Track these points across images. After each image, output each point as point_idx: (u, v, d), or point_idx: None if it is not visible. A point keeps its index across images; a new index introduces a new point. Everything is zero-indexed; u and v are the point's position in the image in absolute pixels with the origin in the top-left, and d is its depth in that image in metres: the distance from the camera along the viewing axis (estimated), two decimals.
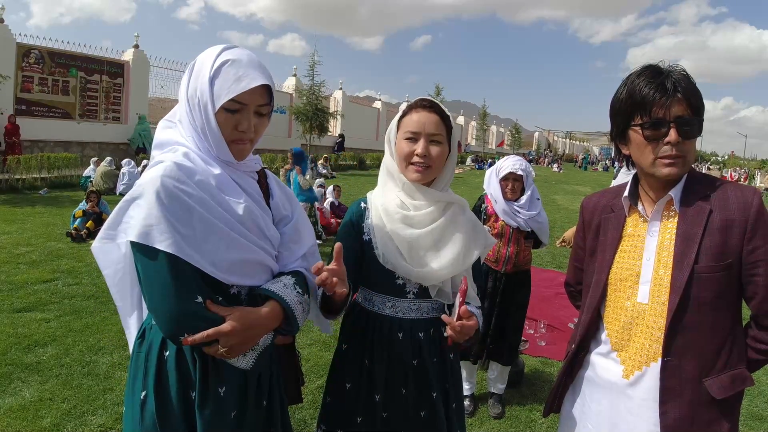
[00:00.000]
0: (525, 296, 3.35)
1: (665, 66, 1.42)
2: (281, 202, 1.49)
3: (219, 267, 1.26)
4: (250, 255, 1.32)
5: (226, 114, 1.30)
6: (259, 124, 1.36)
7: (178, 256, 1.19)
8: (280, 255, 1.44)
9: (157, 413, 1.27)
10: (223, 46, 1.34)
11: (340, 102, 27.55)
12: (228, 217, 1.29)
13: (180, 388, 1.28)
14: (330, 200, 9.61)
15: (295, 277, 1.41)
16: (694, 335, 1.37)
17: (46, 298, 4.90)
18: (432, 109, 1.62)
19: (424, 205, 1.63)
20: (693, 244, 1.36)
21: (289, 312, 1.33)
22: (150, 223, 1.19)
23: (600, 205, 1.62)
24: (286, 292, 1.35)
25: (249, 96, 1.29)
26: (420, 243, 1.61)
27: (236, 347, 1.24)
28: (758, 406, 3.64)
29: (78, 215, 7.59)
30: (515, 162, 3.21)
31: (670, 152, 1.37)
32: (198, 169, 1.29)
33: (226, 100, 1.27)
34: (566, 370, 1.63)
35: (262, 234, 1.36)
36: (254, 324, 1.27)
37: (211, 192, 1.28)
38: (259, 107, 1.34)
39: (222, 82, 1.28)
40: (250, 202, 1.35)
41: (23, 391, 3.23)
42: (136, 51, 17.99)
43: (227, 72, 1.28)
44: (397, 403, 1.67)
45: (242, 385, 1.35)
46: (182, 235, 1.20)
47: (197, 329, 1.20)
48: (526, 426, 3.22)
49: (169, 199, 1.20)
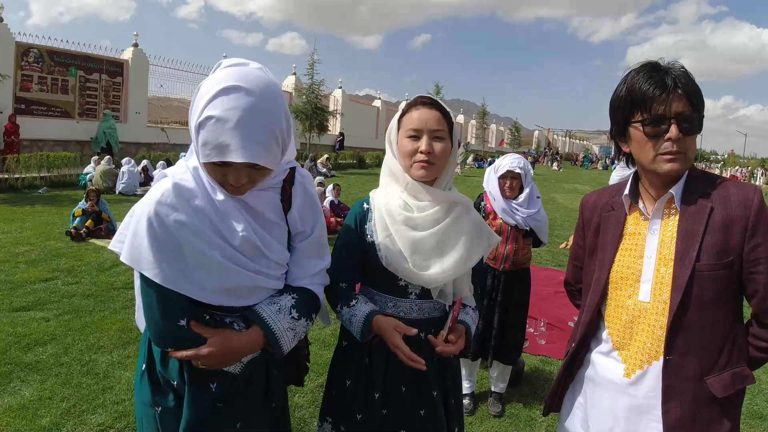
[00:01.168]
0: (524, 295, 3.35)
1: (664, 62, 1.42)
2: (300, 215, 1.41)
3: (210, 291, 1.27)
4: (245, 282, 1.32)
5: (211, 166, 1.20)
6: (255, 174, 1.24)
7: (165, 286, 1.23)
8: (290, 270, 1.42)
9: (150, 383, 1.38)
10: (221, 85, 1.15)
11: (339, 101, 27.54)
12: (224, 246, 1.27)
13: (163, 368, 1.36)
14: (330, 199, 9.60)
15: (299, 296, 1.39)
16: (695, 334, 1.36)
17: (46, 297, 4.89)
18: (432, 106, 1.61)
19: (428, 205, 1.62)
20: (694, 242, 1.35)
21: (271, 340, 1.34)
22: (139, 251, 1.21)
23: (600, 204, 1.61)
24: (278, 317, 1.34)
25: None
26: (423, 246, 1.60)
27: (215, 366, 1.31)
28: (758, 405, 3.64)
29: (77, 214, 7.57)
30: (513, 160, 3.22)
31: (671, 149, 1.36)
32: (199, 192, 1.25)
33: (204, 161, 1.19)
34: (566, 369, 1.63)
35: (263, 257, 1.33)
36: (233, 349, 1.31)
37: (209, 218, 1.25)
38: (249, 166, 1.20)
39: (204, 139, 1.15)
40: (251, 229, 1.29)
41: (22, 390, 3.22)
42: (136, 50, 17.97)
43: (210, 130, 1.14)
44: (397, 402, 1.67)
45: (232, 384, 1.37)
46: (171, 265, 1.21)
47: (180, 346, 1.28)
48: (526, 425, 3.22)
49: (161, 229, 1.20)
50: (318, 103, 22.32)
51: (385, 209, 1.63)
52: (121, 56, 17.80)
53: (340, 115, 25.51)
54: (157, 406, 1.36)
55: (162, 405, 1.35)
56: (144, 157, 14.56)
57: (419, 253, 1.60)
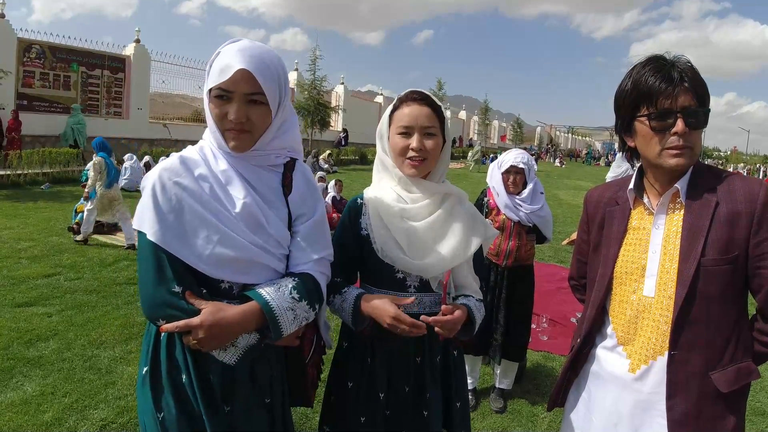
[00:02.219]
0: (528, 291, 3.33)
1: (670, 56, 1.40)
2: (301, 197, 1.43)
3: (206, 261, 1.27)
4: (243, 252, 1.30)
5: (216, 102, 1.31)
6: (253, 113, 1.31)
7: (162, 246, 1.24)
8: (292, 254, 1.40)
9: (151, 389, 1.34)
10: (231, 40, 1.35)
11: (341, 97, 27.51)
12: (223, 213, 1.29)
13: (168, 369, 1.33)
14: (332, 195, 9.61)
15: (300, 280, 1.36)
16: (700, 329, 1.36)
17: (48, 292, 4.90)
18: (423, 102, 1.59)
19: (420, 197, 1.62)
20: (700, 236, 1.34)
21: (269, 316, 1.28)
22: (143, 210, 1.27)
23: (604, 198, 1.60)
24: (276, 296, 1.30)
25: (233, 83, 1.27)
26: (418, 235, 1.59)
27: (206, 341, 1.25)
28: (761, 402, 3.63)
29: (79, 210, 7.57)
30: (516, 155, 3.20)
31: (677, 143, 1.35)
32: (202, 162, 1.33)
33: (211, 86, 1.29)
34: (571, 364, 1.62)
35: (263, 231, 1.33)
36: (225, 321, 1.25)
37: (210, 186, 1.31)
38: (250, 95, 1.29)
39: (212, 71, 1.30)
40: (252, 199, 1.33)
41: (25, 385, 3.23)
42: (137, 46, 17.95)
43: (218, 62, 1.30)
44: (400, 401, 1.65)
45: (230, 379, 1.35)
46: (168, 226, 1.25)
47: (170, 317, 1.24)
48: (528, 420, 3.22)
49: (162, 191, 1.27)
50: (320, 99, 22.29)
51: (380, 202, 1.63)
52: (123, 52, 17.79)
53: (342, 111, 25.47)
54: (160, 412, 1.31)
55: (165, 410, 1.31)
56: (146, 153, 14.55)
57: (415, 243, 1.59)
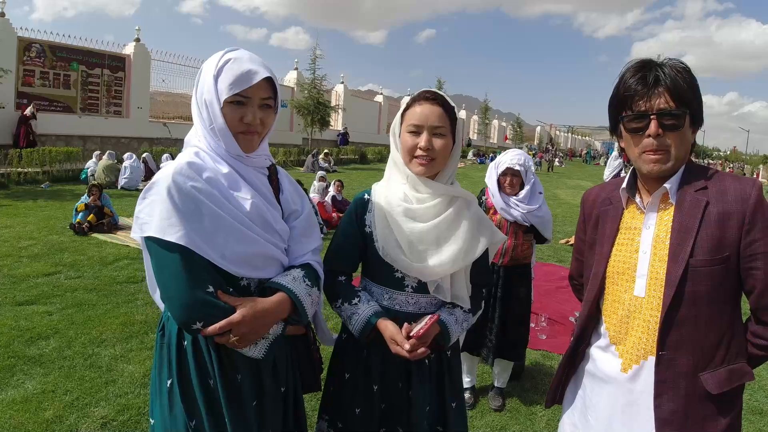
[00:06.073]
0: (525, 290, 3.32)
1: (660, 59, 1.42)
2: (291, 197, 1.54)
3: (229, 259, 1.31)
4: (259, 248, 1.37)
5: (232, 107, 1.35)
6: (265, 116, 1.40)
7: (190, 248, 1.25)
8: (290, 249, 1.49)
9: (182, 400, 1.34)
10: (227, 49, 1.40)
11: (341, 96, 27.49)
12: (236, 212, 1.34)
13: (199, 376, 1.34)
14: (332, 194, 9.63)
15: (305, 269, 1.47)
16: (689, 329, 1.36)
17: (49, 291, 4.92)
18: (435, 101, 1.59)
19: (428, 198, 1.62)
20: (689, 237, 1.35)
21: (297, 303, 1.39)
22: (162, 218, 1.25)
23: (600, 198, 1.62)
24: (295, 284, 1.40)
25: (252, 89, 1.34)
26: (421, 237, 1.59)
27: (247, 336, 1.30)
28: (758, 401, 3.65)
29: (80, 209, 7.59)
30: (513, 157, 3.17)
31: (652, 146, 1.37)
32: (207, 166, 1.36)
33: (230, 94, 1.32)
34: (568, 362, 1.63)
35: (271, 228, 1.41)
36: (264, 313, 1.32)
37: (220, 188, 1.34)
38: (264, 100, 1.38)
39: (225, 78, 1.33)
40: (257, 198, 1.39)
41: (26, 383, 3.25)
42: (137, 44, 17.96)
43: (230, 69, 1.34)
44: (394, 397, 1.67)
45: (257, 373, 1.40)
46: (193, 228, 1.26)
47: (209, 317, 1.25)
48: (527, 419, 3.23)
49: (180, 194, 1.27)
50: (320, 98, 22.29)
51: (385, 200, 1.64)
52: (123, 51, 17.80)
53: (342, 110, 25.46)
54: (193, 420, 1.34)
55: (197, 418, 1.34)
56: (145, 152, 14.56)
57: (416, 245, 1.59)
